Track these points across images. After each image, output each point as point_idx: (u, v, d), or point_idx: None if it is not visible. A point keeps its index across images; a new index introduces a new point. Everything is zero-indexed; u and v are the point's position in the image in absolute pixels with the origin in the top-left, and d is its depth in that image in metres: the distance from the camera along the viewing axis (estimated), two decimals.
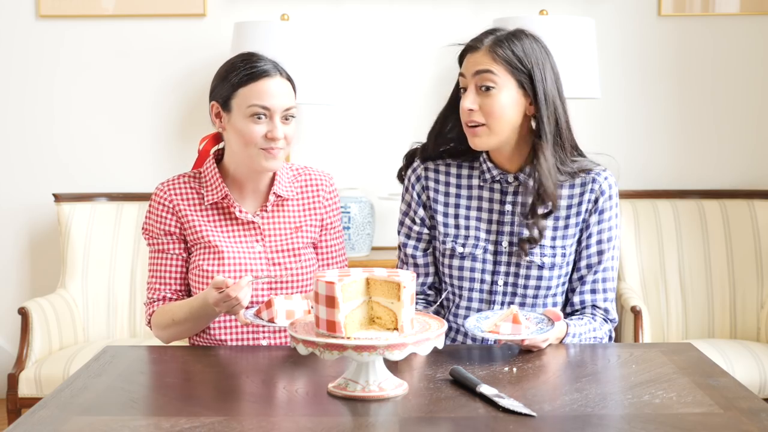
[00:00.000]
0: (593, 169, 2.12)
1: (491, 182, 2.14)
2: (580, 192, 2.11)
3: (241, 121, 2.14)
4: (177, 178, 2.26)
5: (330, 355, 1.61)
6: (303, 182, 2.29)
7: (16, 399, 3.22)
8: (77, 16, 3.81)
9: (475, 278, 2.14)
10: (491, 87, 2.02)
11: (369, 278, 1.69)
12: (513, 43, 2.04)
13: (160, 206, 2.22)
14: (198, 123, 3.80)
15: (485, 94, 2.03)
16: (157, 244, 2.23)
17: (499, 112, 2.03)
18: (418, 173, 2.21)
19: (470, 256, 2.14)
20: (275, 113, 2.14)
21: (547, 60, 2.08)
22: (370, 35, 3.82)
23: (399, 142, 3.83)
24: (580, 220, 2.11)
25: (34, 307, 3.36)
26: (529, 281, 2.11)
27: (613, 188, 2.12)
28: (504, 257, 2.13)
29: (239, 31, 3.49)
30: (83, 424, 1.53)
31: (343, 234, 2.36)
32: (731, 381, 1.74)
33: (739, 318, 3.54)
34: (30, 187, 3.86)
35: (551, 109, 2.05)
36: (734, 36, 3.79)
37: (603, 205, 2.11)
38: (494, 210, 2.14)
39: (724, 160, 3.83)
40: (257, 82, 2.14)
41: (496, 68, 2.02)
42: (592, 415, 1.55)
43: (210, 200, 2.21)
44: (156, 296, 2.22)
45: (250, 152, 2.15)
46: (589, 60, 3.45)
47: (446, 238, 2.17)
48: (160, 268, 2.23)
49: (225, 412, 1.57)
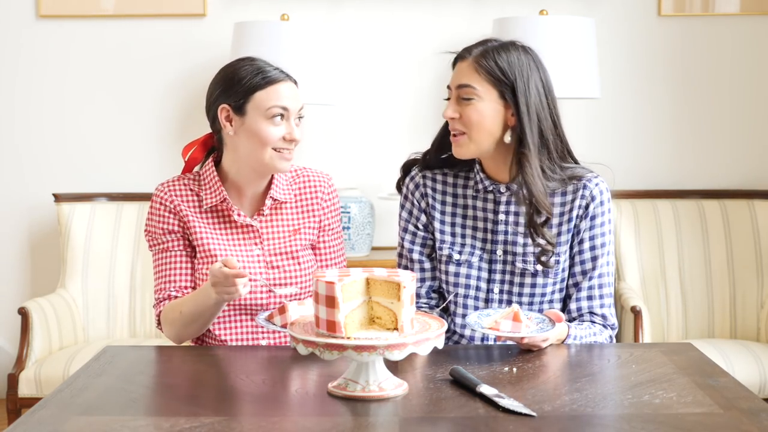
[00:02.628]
0: (584, 176, 2.13)
1: (484, 192, 2.16)
2: (572, 198, 2.12)
3: (259, 123, 2.16)
4: (177, 179, 2.26)
5: (330, 355, 1.61)
6: (301, 184, 2.29)
7: (16, 399, 3.22)
8: (77, 16, 3.81)
9: (470, 285, 2.16)
10: (471, 98, 2.06)
11: (369, 278, 1.70)
12: (499, 54, 2.07)
13: (161, 207, 2.22)
14: (198, 123, 3.80)
15: (465, 104, 2.07)
16: (159, 243, 2.23)
17: (477, 121, 2.06)
18: (417, 181, 2.23)
19: (466, 263, 2.16)
20: (292, 114, 2.18)
21: (536, 71, 2.09)
22: (370, 35, 3.82)
23: (399, 143, 3.83)
24: (571, 226, 2.12)
25: (34, 307, 3.36)
26: (524, 289, 2.13)
27: (605, 194, 2.12)
28: (498, 265, 2.14)
29: (239, 31, 3.49)
30: (83, 424, 1.53)
31: (342, 235, 2.36)
32: (731, 381, 1.74)
33: (739, 318, 3.54)
34: (30, 187, 3.86)
35: (534, 120, 2.06)
36: (734, 36, 3.79)
37: (594, 211, 2.11)
38: (488, 219, 2.15)
39: (724, 160, 3.83)
40: (275, 85, 2.17)
41: (477, 81, 2.06)
42: (592, 415, 1.55)
43: (208, 203, 2.21)
44: (163, 296, 2.21)
45: (265, 154, 2.16)
46: (589, 60, 3.45)
47: (443, 244, 2.19)
48: (165, 268, 2.22)
49: (225, 412, 1.57)
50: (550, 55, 3.36)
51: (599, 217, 2.12)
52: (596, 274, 2.12)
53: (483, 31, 3.65)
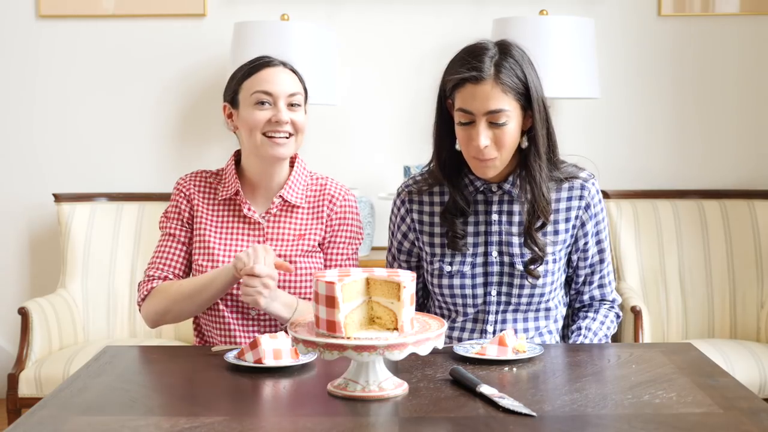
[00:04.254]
0: (579, 175, 2.12)
1: (476, 194, 2.12)
2: (568, 197, 2.11)
3: (247, 110, 2.19)
4: (199, 172, 2.32)
5: (330, 355, 1.61)
6: (317, 191, 2.29)
7: (16, 399, 3.22)
8: (77, 16, 3.81)
9: (466, 294, 2.13)
10: (505, 122, 1.98)
11: (369, 278, 1.69)
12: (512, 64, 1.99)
13: (180, 195, 2.28)
14: (198, 123, 3.80)
15: (497, 128, 1.98)
16: (168, 228, 2.28)
17: (511, 144, 2.01)
18: (402, 197, 2.20)
19: (458, 274, 2.13)
20: (279, 98, 2.18)
21: (531, 67, 2.04)
22: (370, 35, 3.82)
23: (399, 143, 3.83)
24: (570, 226, 2.12)
25: (34, 307, 3.36)
26: (522, 290, 2.11)
27: (599, 192, 2.17)
28: (495, 267, 2.12)
29: (239, 31, 3.49)
30: (83, 424, 1.53)
31: (353, 250, 2.30)
32: (731, 381, 1.74)
33: (739, 318, 3.54)
34: (30, 187, 3.86)
35: (543, 119, 2.04)
36: (734, 36, 3.79)
37: (595, 210, 2.14)
38: (480, 221, 2.12)
39: (724, 160, 3.83)
40: (260, 71, 2.20)
41: (508, 102, 1.98)
42: (592, 415, 1.55)
43: (223, 195, 2.25)
44: (158, 275, 2.24)
45: (256, 140, 2.18)
46: (589, 60, 3.45)
47: (433, 258, 2.16)
48: (166, 251, 2.26)
49: (225, 412, 1.57)
50: (550, 55, 3.37)
51: (600, 214, 2.16)
52: (605, 265, 2.20)
53: (483, 31, 3.65)
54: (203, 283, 2.14)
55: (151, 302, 2.21)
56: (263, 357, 1.81)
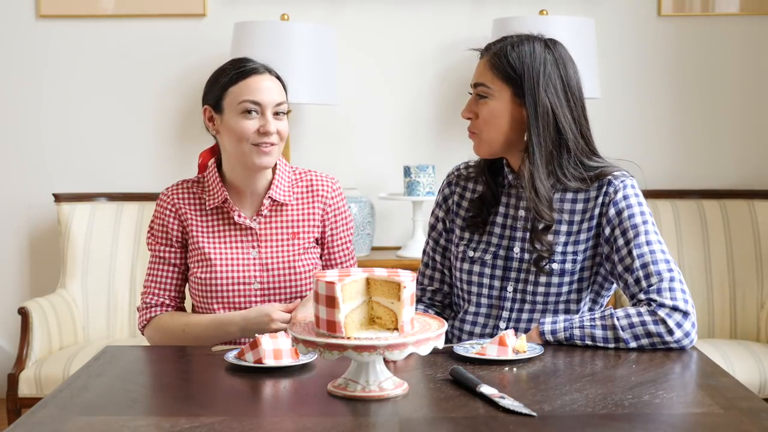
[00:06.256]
0: (607, 174, 2.08)
1: (508, 188, 2.14)
2: (595, 196, 2.07)
3: (234, 119, 2.16)
4: (181, 183, 2.29)
5: (330, 355, 1.60)
6: (303, 186, 2.28)
7: (16, 399, 3.22)
8: (77, 16, 3.81)
9: (483, 283, 2.13)
10: (486, 96, 2.06)
11: (369, 278, 1.69)
12: (512, 51, 2.04)
13: (165, 210, 2.25)
14: (198, 123, 3.79)
15: (480, 102, 2.07)
16: (157, 252, 2.25)
17: (487, 120, 2.05)
18: (450, 179, 2.25)
19: (479, 261, 2.13)
20: (266, 108, 2.16)
21: (554, 66, 2.04)
22: (370, 35, 3.82)
23: (399, 143, 3.83)
24: (593, 224, 2.06)
25: (34, 307, 3.36)
26: (538, 288, 2.09)
27: (629, 189, 2.06)
28: (515, 263, 2.11)
29: (239, 31, 3.49)
30: (83, 424, 1.53)
31: (351, 244, 2.34)
32: (731, 381, 1.74)
33: (739, 318, 3.54)
34: (30, 187, 3.86)
35: (545, 118, 2.02)
36: (734, 36, 3.79)
37: (619, 207, 2.04)
38: (509, 215, 2.13)
39: (724, 160, 3.83)
40: (247, 79, 2.17)
41: (491, 79, 2.05)
42: (592, 415, 1.55)
43: (211, 205, 2.22)
44: (155, 301, 2.24)
45: (243, 149, 2.16)
46: (589, 60, 3.45)
47: (461, 241, 2.17)
48: (159, 275, 2.26)
49: (225, 412, 1.57)
50: None
51: (626, 210, 2.03)
52: (639, 264, 1.98)
53: (483, 31, 3.65)
54: (207, 337, 2.17)
55: (155, 334, 2.23)
56: (263, 357, 1.81)
